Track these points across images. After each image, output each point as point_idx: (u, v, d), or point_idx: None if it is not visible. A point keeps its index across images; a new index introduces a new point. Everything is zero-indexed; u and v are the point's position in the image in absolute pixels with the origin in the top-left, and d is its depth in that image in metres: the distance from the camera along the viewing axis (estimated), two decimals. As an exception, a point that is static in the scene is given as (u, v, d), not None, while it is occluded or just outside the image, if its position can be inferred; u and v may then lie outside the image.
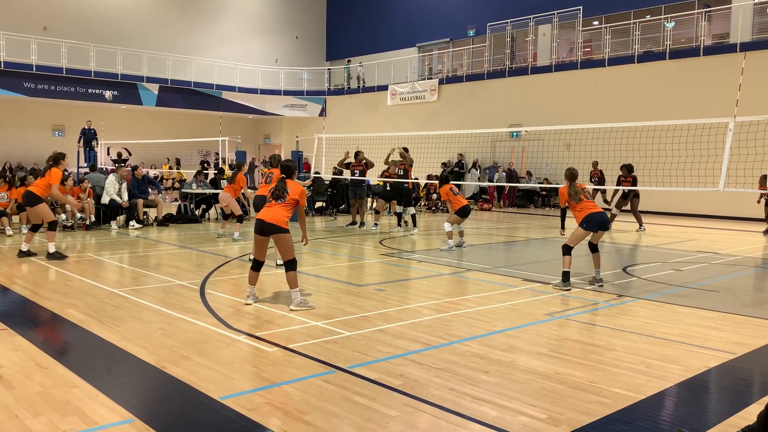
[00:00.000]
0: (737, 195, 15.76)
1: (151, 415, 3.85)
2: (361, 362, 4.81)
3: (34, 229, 9.96)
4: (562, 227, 8.71)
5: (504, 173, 23.39)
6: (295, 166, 7.21)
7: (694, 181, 13.78)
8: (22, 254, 9.74)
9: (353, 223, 15.48)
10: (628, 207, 15.59)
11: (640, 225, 15.35)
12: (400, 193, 14.19)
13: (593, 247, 8.31)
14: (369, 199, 21.31)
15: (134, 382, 4.43)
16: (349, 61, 30.91)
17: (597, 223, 7.99)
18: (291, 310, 6.44)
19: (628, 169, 15.14)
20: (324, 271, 8.97)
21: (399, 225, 14.41)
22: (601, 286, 7.98)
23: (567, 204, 8.26)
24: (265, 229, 6.53)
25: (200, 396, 4.11)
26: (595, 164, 17.46)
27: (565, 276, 7.88)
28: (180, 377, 4.45)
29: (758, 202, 15.30)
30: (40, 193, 9.72)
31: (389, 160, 14.59)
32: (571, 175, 8.28)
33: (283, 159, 8.91)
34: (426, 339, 5.49)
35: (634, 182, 15.30)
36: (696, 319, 6.36)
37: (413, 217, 14.13)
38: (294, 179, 6.97)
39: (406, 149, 14.58)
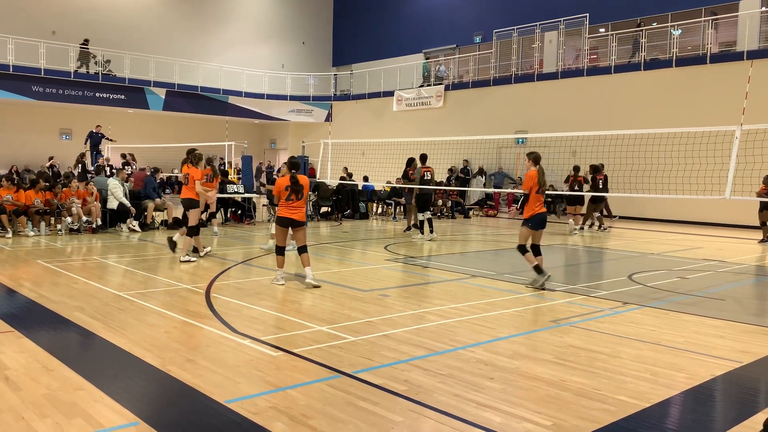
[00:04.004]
0: (743, 203, 15.70)
1: (156, 418, 3.86)
2: (366, 367, 4.81)
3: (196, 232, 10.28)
4: (521, 212, 8.36)
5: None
6: (299, 161, 8.53)
7: (700, 189, 13.74)
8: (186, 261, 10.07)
9: (414, 226, 15.28)
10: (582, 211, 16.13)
11: (582, 225, 15.76)
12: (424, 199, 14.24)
13: (537, 250, 8.32)
14: (374, 204, 21.39)
15: (139, 385, 4.45)
16: (428, 57, 29.21)
17: (539, 221, 8.25)
18: (311, 283, 7.87)
19: (595, 169, 15.81)
20: (329, 276, 8.98)
21: (423, 232, 14.34)
22: (548, 279, 8.16)
23: (529, 191, 8.16)
24: (294, 224, 8.08)
25: (205, 399, 4.12)
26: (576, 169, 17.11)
27: (538, 269, 8.14)
28: (185, 380, 4.47)
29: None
30: (195, 196, 10.23)
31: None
32: (538, 158, 8.25)
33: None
34: (431, 345, 5.49)
35: (605, 181, 15.91)
36: (702, 328, 6.33)
37: (429, 221, 14.14)
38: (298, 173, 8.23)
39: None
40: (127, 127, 28.23)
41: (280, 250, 8.17)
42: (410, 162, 14.76)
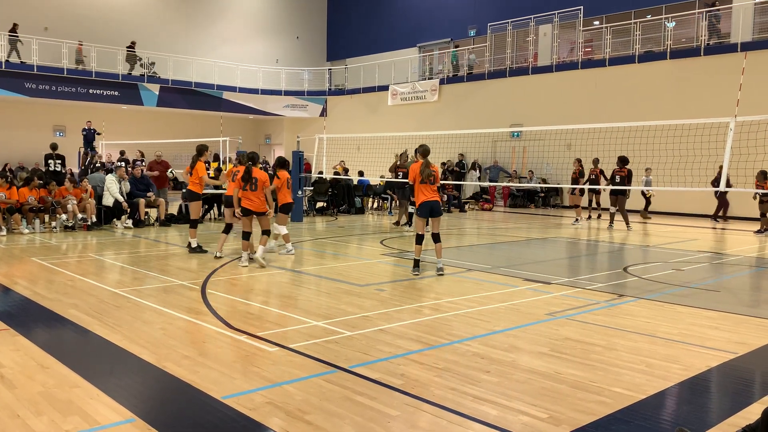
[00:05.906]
0: (738, 194, 15.76)
1: (152, 414, 3.86)
2: (362, 362, 4.81)
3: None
4: (411, 203, 9.05)
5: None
6: (256, 155, 9.40)
7: (695, 181, 13.78)
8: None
9: (398, 222, 15.55)
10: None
11: (627, 225, 15.43)
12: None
13: (436, 237, 8.74)
14: (370, 199, 21.37)
15: (136, 382, 4.44)
16: (449, 48, 28.35)
17: (427, 210, 8.60)
18: (258, 258, 8.94)
19: (622, 161, 15.27)
20: (325, 271, 8.98)
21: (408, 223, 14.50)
22: (441, 275, 8.54)
23: (413, 181, 8.63)
24: (253, 214, 9.01)
25: (201, 396, 4.12)
26: (595, 162, 17.06)
27: (416, 263, 8.66)
28: (181, 377, 4.46)
29: (754, 198, 15.22)
30: (198, 190, 10.41)
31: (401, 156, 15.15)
32: (425, 151, 8.64)
33: (284, 159, 9.92)
34: (427, 339, 5.49)
35: (629, 176, 15.46)
36: (697, 319, 6.36)
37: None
38: (258, 166, 9.08)
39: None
40: (121, 123, 28.12)
41: (246, 236, 9.13)
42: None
